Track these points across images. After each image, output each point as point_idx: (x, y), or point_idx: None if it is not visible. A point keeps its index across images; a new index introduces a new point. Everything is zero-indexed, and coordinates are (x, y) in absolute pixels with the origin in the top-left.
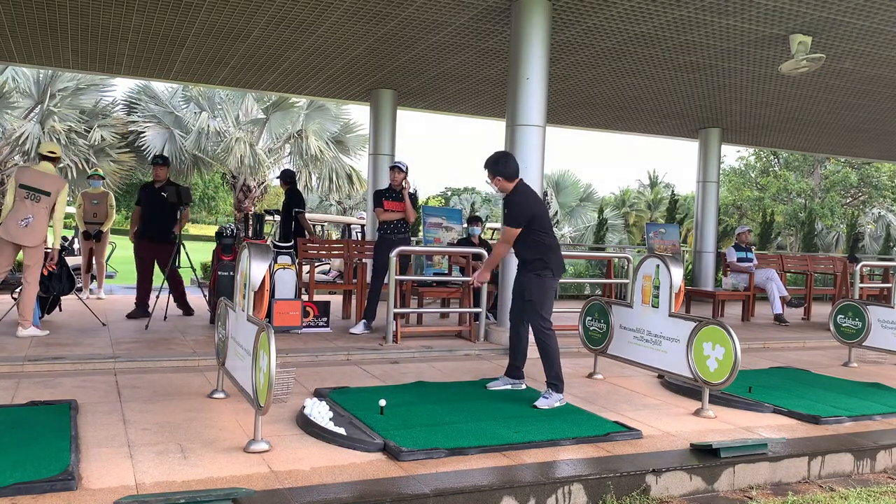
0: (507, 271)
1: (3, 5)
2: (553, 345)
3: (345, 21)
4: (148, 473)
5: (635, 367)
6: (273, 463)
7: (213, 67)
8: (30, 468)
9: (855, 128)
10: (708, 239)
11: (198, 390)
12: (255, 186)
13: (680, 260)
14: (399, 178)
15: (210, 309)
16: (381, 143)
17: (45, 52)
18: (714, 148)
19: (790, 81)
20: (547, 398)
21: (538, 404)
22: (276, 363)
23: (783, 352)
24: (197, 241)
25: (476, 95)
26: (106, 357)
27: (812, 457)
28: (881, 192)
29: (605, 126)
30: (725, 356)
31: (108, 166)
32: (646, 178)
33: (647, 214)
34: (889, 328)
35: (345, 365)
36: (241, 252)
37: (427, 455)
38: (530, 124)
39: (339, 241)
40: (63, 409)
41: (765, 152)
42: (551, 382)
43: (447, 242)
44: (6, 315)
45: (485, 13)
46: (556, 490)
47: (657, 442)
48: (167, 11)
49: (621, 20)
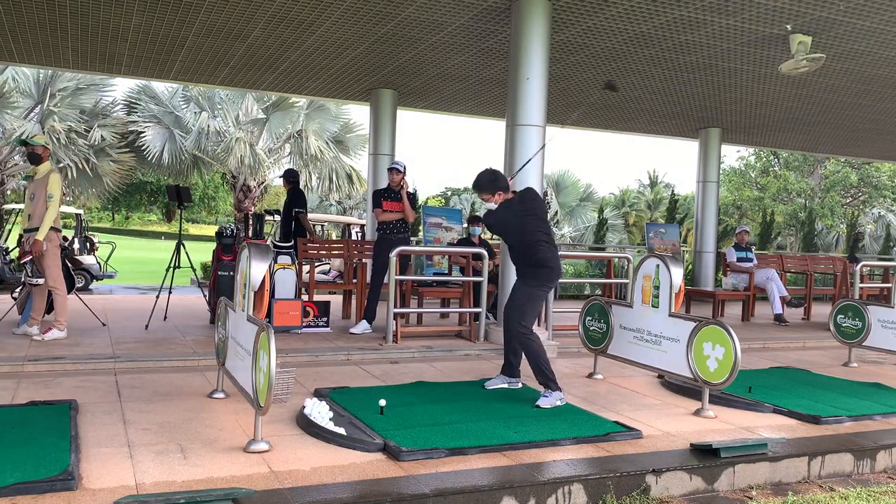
0: (507, 271)
1: (3, 5)
2: (535, 347)
3: (345, 21)
4: (148, 473)
5: (635, 367)
6: (273, 463)
7: (213, 67)
8: (30, 468)
9: (855, 128)
10: (708, 239)
11: (198, 390)
12: (255, 186)
13: (680, 260)
14: (397, 178)
15: (210, 309)
16: (381, 143)
17: (45, 52)
18: (714, 148)
19: (790, 81)
20: (547, 397)
21: (540, 403)
22: (276, 363)
23: (783, 352)
24: (197, 241)
25: (476, 95)
26: (106, 357)
27: (812, 457)
28: (881, 192)
29: (605, 126)
30: (725, 356)
31: (108, 166)
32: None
33: (647, 214)
34: (889, 328)
35: (345, 365)
36: (241, 252)
37: (427, 455)
38: (530, 124)
39: (339, 241)
40: (63, 409)
41: (765, 152)
42: (544, 383)
43: (447, 242)
44: (6, 315)
45: (485, 13)
46: (556, 490)
47: (657, 442)
48: (167, 11)
49: (621, 20)
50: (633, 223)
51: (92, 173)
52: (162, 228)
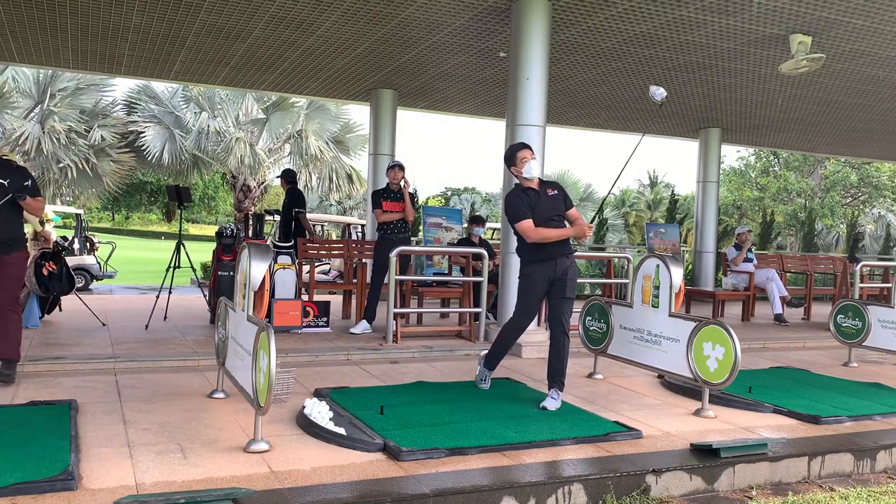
0: (507, 271)
1: (3, 5)
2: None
3: (345, 21)
4: (148, 473)
5: (635, 367)
6: (273, 463)
7: (213, 67)
8: (30, 468)
9: (855, 128)
10: (708, 239)
11: (198, 390)
12: (255, 186)
13: (680, 260)
14: (399, 176)
15: (210, 309)
16: (381, 143)
17: (45, 52)
18: (714, 148)
19: (790, 81)
20: (554, 398)
21: (546, 404)
22: (276, 363)
23: (783, 352)
24: (197, 241)
25: (476, 95)
26: (106, 357)
27: (812, 457)
28: (881, 192)
29: (605, 126)
30: (725, 356)
31: (108, 166)
32: (646, 178)
33: (647, 214)
34: (889, 328)
35: (345, 365)
36: (241, 252)
37: (427, 455)
38: (530, 124)
39: (339, 241)
40: (63, 409)
41: (765, 152)
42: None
43: (447, 242)
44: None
45: (485, 13)
46: (556, 490)
47: (657, 442)
48: (167, 11)
49: (621, 20)
50: (633, 223)
51: (92, 173)
52: (162, 228)
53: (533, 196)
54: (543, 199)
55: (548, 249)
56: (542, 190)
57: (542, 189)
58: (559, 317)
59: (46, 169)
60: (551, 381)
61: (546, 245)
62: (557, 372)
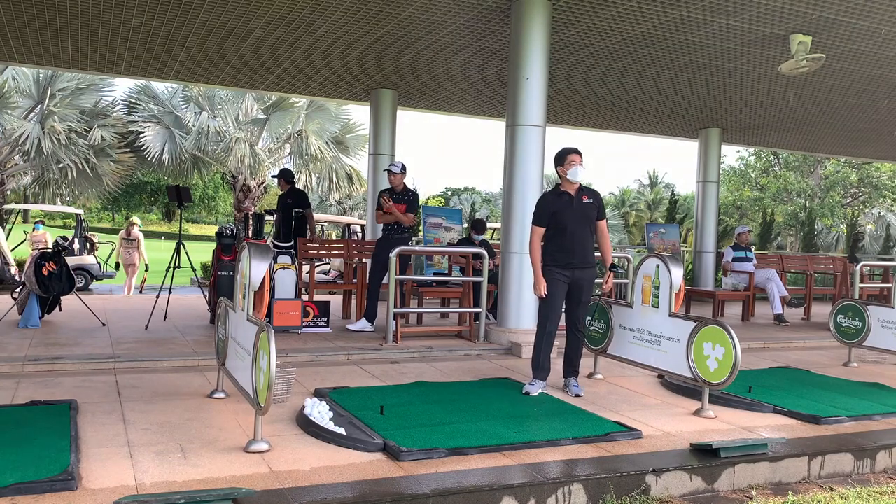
0: (507, 271)
1: (3, 5)
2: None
3: (345, 21)
4: (148, 473)
5: (635, 367)
6: (273, 463)
7: (213, 67)
8: (30, 468)
9: (855, 128)
10: (708, 239)
11: (198, 390)
12: (255, 186)
13: (680, 260)
14: (393, 181)
15: (210, 309)
16: (381, 143)
17: (45, 52)
18: (714, 148)
19: (790, 81)
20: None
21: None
22: (276, 363)
23: (783, 352)
24: (197, 241)
25: (476, 95)
26: (106, 357)
27: (812, 457)
28: (881, 192)
29: (605, 126)
30: (725, 356)
31: (108, 166)
32: (646, 178)
33: (647, 214)
34: (889, 328)
35: (345, 365)
36: (241, 252)
37: (427, 455)
38: (530, 124)
39: (339, 241)
40: (63, 409)
41: (765, 152)
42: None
43: (447, 242)
44: (6, 315)
45: (485, 13)
46: (556, 490)
47: (657, 442)
48: (167, 11)
49: (621, 20)
50: (633, 223)
51: (92, 173)
52: (162, 228)
53: (566, 199)
54: (576, 204)
55: (564, 259)
56: (578, 196)
57: (578, 195)
58: (574, 321)
59: (46, 169)
60: (569, 371)
61: (563, 253)
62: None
